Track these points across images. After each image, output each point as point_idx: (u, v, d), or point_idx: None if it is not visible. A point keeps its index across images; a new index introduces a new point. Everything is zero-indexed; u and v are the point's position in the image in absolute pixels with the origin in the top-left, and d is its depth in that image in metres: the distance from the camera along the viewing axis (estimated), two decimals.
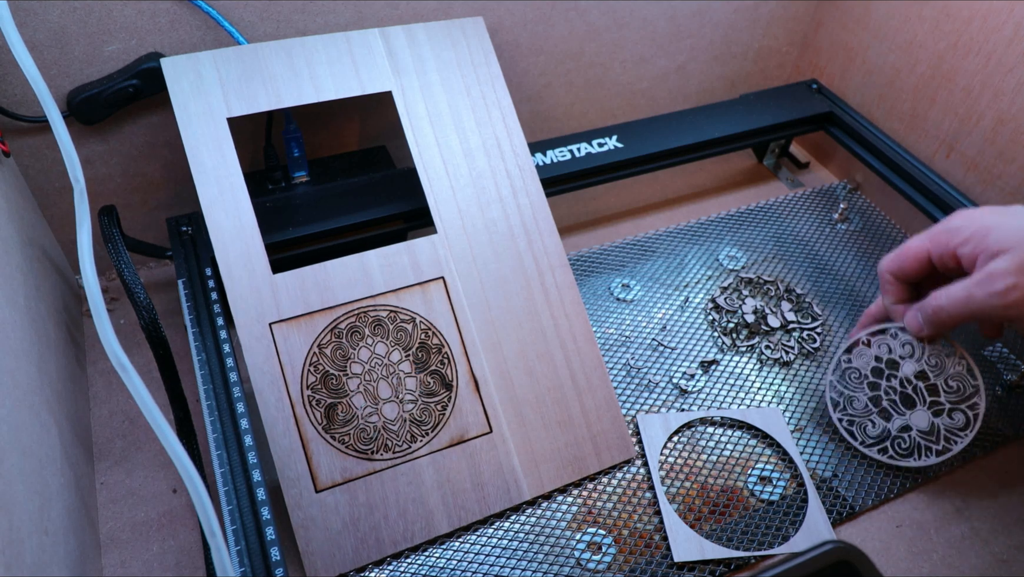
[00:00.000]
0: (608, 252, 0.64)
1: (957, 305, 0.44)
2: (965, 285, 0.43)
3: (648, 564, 0.44)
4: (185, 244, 0.54)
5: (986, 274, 0.42)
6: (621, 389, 0.54)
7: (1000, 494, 0.49)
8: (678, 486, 0.48)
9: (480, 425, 0.47)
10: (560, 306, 0.50)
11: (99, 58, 0.50)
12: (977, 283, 0.43)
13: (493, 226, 0.51)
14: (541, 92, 0.68)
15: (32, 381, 0.41)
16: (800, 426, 0.52)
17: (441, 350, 0.47)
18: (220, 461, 0.43)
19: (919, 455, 0.48)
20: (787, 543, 0.45)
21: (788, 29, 0.75)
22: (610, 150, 0.63)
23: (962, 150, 0.63)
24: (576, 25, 0.64)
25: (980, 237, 0.43)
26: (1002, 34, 0.57)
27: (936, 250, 0.46)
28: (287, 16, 0.54)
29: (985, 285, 0.42)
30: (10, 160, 0.51)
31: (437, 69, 0.53)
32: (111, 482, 0.49)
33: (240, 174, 0.47)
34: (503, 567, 0.44)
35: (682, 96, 0.76)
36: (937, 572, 0.46)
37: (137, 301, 0.44)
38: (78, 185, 0.42)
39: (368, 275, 0.47)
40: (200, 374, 0.46)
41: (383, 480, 0.44)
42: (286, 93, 0.49)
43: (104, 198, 0.57)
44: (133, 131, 0.55)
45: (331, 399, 0.45)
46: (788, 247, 0.65)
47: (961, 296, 0.44)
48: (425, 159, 0.51)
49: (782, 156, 0.77)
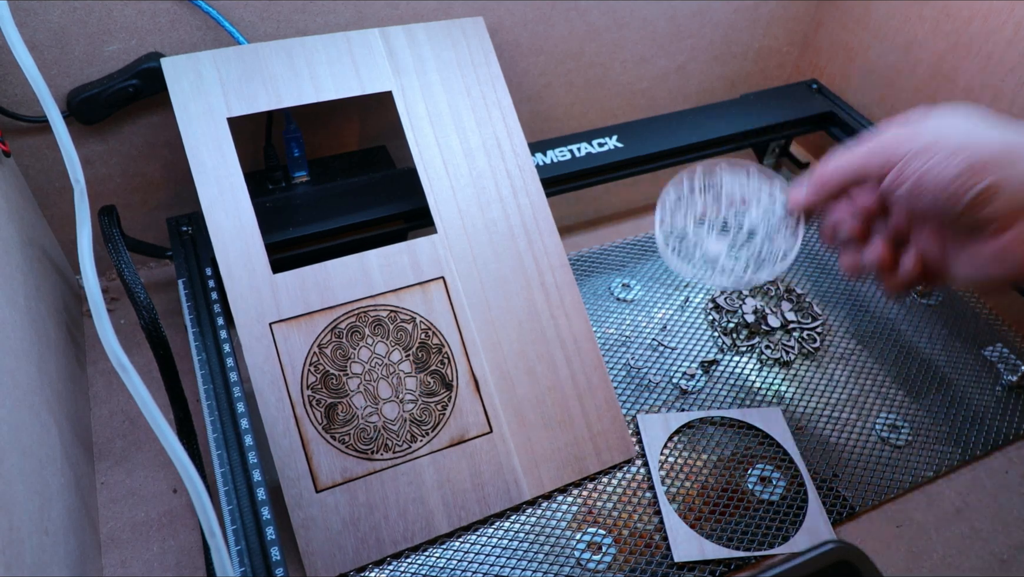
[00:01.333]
0: (608, 252, 0.64)
1: (842, 155, 0.40)
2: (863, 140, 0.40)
3: (648, 564, 0.44)
4: (185, 244, 0.54)
5: (883, 127, 0.39)
6: (621, 389, 0.54)
7: (1000, 494, 0.49)
8: (678, 486, 0.48)
9: (480, 425, 0.47)
10: (560, 306, 0.50)
11: (99, 58, 0.50)
12: (872, 136, 0.40)
13: (493, 226, 0.51)
14: (541, 92, 0.68)
15: (32, 381, 0.41)
16: (800, 426, 0.52)
17: (441, 350, 0.47)
18: (220, 461, 0.43)
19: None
20: (787, 543, 0.45)
21: (788, 29, 0.75)
22: (610, 150, 0.63)
23: None
24: (576, 25, 0.64)
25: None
26: (1002, 34, 0.57)
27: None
28: (287, 16, 0.54)
29: (875, 135, 0.39)
30: (10, 160, 0.51)
31: (437, 69, 0.53)
32: (111, 482, 0.49)
33: (240, 174, 0.47)
34: (503, 567, 0.44)
35: (682, 96, 0.76)
36: (937, 572, 0.46)
37: (137, 301, 0.44)
38: (78, 185, 0.42)
39: (368, 275, 0.47)
40: (200, 374, 0.46)
41: (383, 480, 0.44)
42: (286, 93, 0.49)
43: (104, 198, 0.57)
44: (133, 131, 0.55)
45: (331, 399, 0.45)
46: None
47: (850, 149, 0.40)
48: (425, 159, 0.51)
49: (782, 156, 0.77)
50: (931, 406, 0.54)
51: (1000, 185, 0.34)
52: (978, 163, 0.35)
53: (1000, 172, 0.34)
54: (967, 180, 0.35)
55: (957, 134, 0.36)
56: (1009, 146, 0.35)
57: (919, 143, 0.37)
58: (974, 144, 0.35)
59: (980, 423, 0.53)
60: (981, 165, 0.35)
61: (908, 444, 0.51)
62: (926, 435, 0.52)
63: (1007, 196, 0.34)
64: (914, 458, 0.50)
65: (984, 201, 0.35)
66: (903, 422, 0.52)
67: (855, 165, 0.40)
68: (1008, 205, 0.34)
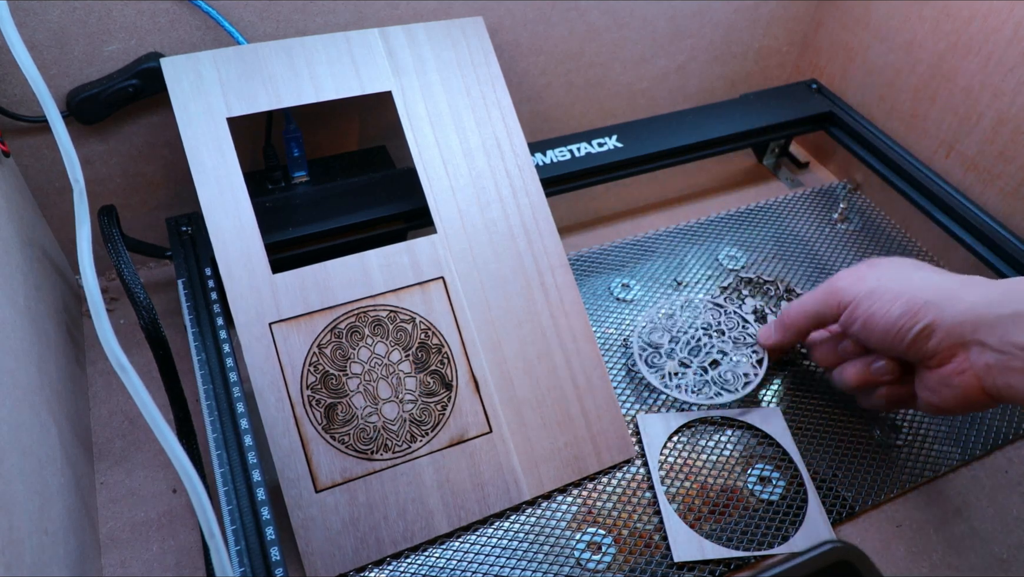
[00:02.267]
0: (608, 252, 0.64)
1: (802, 300, 0.49)
2: (814, 289, 0.48)
3: (648, 564, 0.44)
4: (185, 244, 0.54)
5: (831, 279, 0.47)
6: (621, 389, 0.54)
7: (1000, 494, 0.49)
8: (678, 486, 0.48)
9: (480, 425, 0.47)
10: (560, 306, 0.50)
11: (99, 58, 0.50)
12: (822, 285, 0.48)
13: (493, 226, 0.51)
14: (541, 92, 0.68)
15: (32, 381, 0.41)
16: (800, 426, 0.52)
17: (441, 350, 0.47)
18: (220, 461, 0.43)
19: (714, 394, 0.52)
20: (787, 543, 0.45)
21: (788, 29, 0.75)
22: (610, 150, 0.63)
23: (962, 150, 0.62)
24: (576, 25, 0.64)
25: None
26: (1002, 34, 0.57)
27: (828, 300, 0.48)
28: (287, 16, 0.54)
29: (829, 282, 0.47)
30: (10, 160, 0.51)
31: (437, 69, 0.53)
32: (111, 482, 0.49)
33: (240, 174, 0.47)
34: (503, 567, 0.44)
35: (682, 96, 0.76)
36: (937, 572, 0.46)
37: (137, 301, 0.44)
38: (78, 185, 0.42)
39: (368, 275, 0.47)
40: (200, 374, 0.46)
41: (383, 480, 0.44)
42: (286, 93, 0.49)
43: (104, 198, 0.57)
44: (133, 131, 0.55)
45: (331, 399, 0.45)
46: (788, 247, 0.65)
47: (808, 294, 0.48)
48: (425, 159, 0.51)
49: (782, 156, 0.77)
50: None
51: (937, 324, 0.40)
52: (916, 305, 0.41)
53: (935, 313, 0.40)
54: (908, 320, 0.41)
55: (897, 281, 0.42)
56: (942, 290, 0.40)
57: (864, 288, 0.43)
58: (911, 289, 0.41)
59: (980, 423, 0.53)
60: (919, 307, 0.40)
61: (908, 444, 0.51)
62: (926, 435, 0.52)
63: (943, 332, 0.40)
64: (914, 458, 0.50)
65: (925, 337, 0.40)
66: (903, 422, 0.52)
67: (813, 309, 0.48)
68: (946, 340, 0.40)
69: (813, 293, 0.48)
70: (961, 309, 0.39)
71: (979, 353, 0.39)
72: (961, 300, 0.40)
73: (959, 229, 0.60)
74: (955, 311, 0.40)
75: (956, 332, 0.40)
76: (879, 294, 0.43)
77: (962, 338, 0.40)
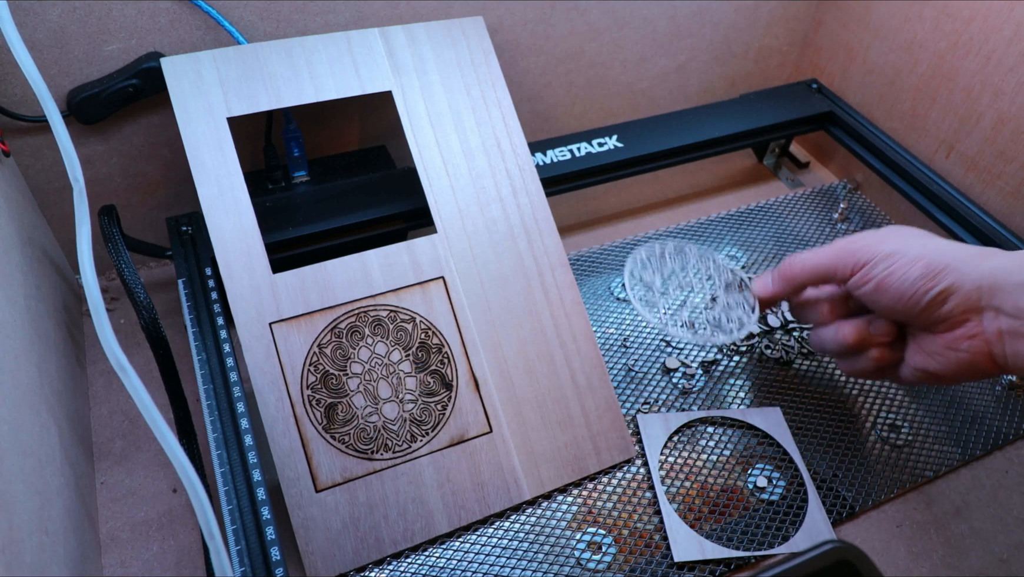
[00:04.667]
0: (608, 252, 0.64)
1: (810, 253, 0.47)
2: (828, 244, 0.47)
3: (648, 564, 0.44)
4: (185, 244, 0.54)
5: (849, 237, 0.46)
6: (621, 389, 0.54)
7: (1000, 494, 0.49)
8: (678, 486, 0.48)
9: (480, 425, 0.47)
10: (560, 306, 0.50)
11: (99, 58, 0.50)
12: (838, 240, 0.46)
13: (493, 226, 0.51)
14: (541, 92, 0.68)
15: (32, 381, 0.41)
16: (800, 426, 0.52)
17: (441, 350, 0.47)
18: (220, 461, 0.43)
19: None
20: (787, 543, 0.45)
21: (788, 29, 0.75)
22: (610, 150, 0.63)
23: (962, 150, 0.62)
24: (576, 25, 0.64)
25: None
26: (1002, 34, 0.57)
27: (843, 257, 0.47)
28: (287, 16, 0.54)
29: (842, 240, 0.46)
30: (10, 160, 0.51)
31: (437, 69, 0.53)
32: (111, 482, 0.49)
33: (240, 173, 0.47)
34: (503, 567, 0.44)
35: (682, 96, 0.76)
36: (937, 572, 0.46)
37: (137, 301, 0.44)
38: (78, 185, 0.42)
39: (368, 275, 0.47)
40: (200, 374, 0.46)
41: (383, 480, 0.44)
42: (286, 93, 0.49)
43: (104, 198, 0.57)
44: (133, 131, 0.55)
45: (331, 399, 0.45)
46: (788, 247, 0.65)
47: (818, 249, 0.47)
48: (425, 159, 0.51)
49: (782, 156, 0.77)
50: (931, 406, 0.54)
51: (954, 287, 0.40)
52: (935, 268, 0.40)
53: (954, 276, 0.40)
54: (927, 283, 0.41)
55: (916, 244, 0.42)
56: (961, 255, 0.40)
57: (883, 250, 0.43)
58: (931, 253, 0.41)
59: (980, 423, 0.53)
60: (938, 270, 0.40)
61: (908, 444, 0.51)
62: (926, 435, 0.52)
63: (960, 297, 0.40)
64: (914, 458, 0.50)
65: (941, 301, 0.40)
66: (903, 422, 0.52)
67: (824, 265, 0.46)
68: (961, 305, 0.40)
69: (823, 250, 0.46)
70: (980, 274, 0.40)
71: (992, 319, 0.39)
72: (979, 266, 0.40)
73: (959, 229, 0.60)
74: (974, 275, 0.40)
75: (973, 297, 0.40)
76: (898, 256, 0.42)
77: (977, 303, 0.40)
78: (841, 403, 0.53)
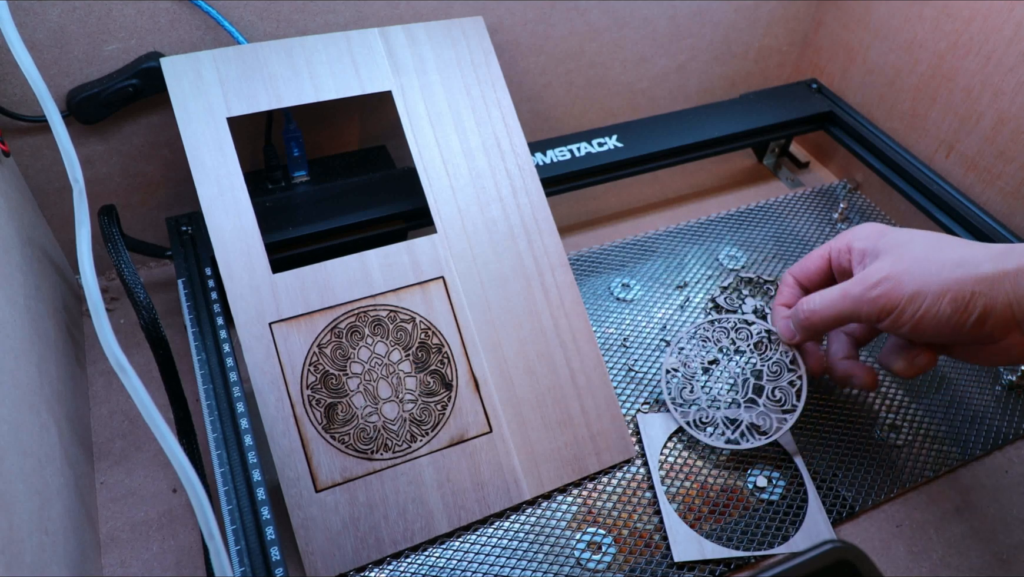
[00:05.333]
0: (608, 252, 0.64)
1: (830, 303, 0.46)
2: (840, 285, 0.45)
3: (648, 564, 0.44)
4: (185, 244, 0.54)
5: (862, 274, 0.44)
6: (621, 389, 0.54)
7: (1000, 494, 0.49)
8: (678, 486, 0.48)
9: (480, 425, 0.47)
10: (560, 306, 0.50)
11: (99, 58, 0.50)
12: (853, 283, 0.45)
13: (493, 226, 0.51)
14: (541, 92, 0.68)
15: (32, 381, 0.41)
16: (800, 426, 0.52)
17: (441, 350, 0.47)
18: (220, 461, 0.43)
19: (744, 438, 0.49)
20: (787, 543, 0.45)
21: (788, 28, 0.75)
22: (610, 150, 0.63)
23: (962, 150, 0.62)
24: (576, 25, 0.64)
25: (874, 237, 0.46)
26: (1002, 34, 0.57)
27: (836, 246, 0.48)
28: (287, 16, 0.54)
29: (860, 283, 0.44)
30: (10, 160, 0.51)
31: (437, 69, 0.53)
32: (111, 482, 0.49)
33: (240, 173, 0.47)
34: (503, 567, 0.44)
35: (682, 96, 0.76)
36: (937, 572, 0.46)
37: (137, 301, 0.44)
38: (78, 185, 0.42)
39: (368, 275, 0.47)
40: (200, 374, 0.46)
41: (383, 480, 0.44)
42: (286, 93, 0.49)
43: (104, 198, 0.57)
44: (133, 131, 0.55)
45: (331, 399, 0.45)
46: (788, 247, 0.65)
47: (836, 294, 0.45)
48: (425, 159, 0.51)
49: (782, 156, 0.77)
50: (931, 406, 0.54)
51: (988, 310, 0.40)
52: (964, 299, 0.40)
53: (984, 301, 0.40)
54: (961, 316, 0.41)
55: (934, 274, 0.42)
56: (983, 273, 0.40)
57: (905, 293, 0.42)
58: (954, 283, 0.41)
59: (980, 423, 0.53)
60: (967, 300, 0.40)
61: (908, 444, 0.51)
62: (926, 435, 0.52)
63: (996, 317, 0.40)
64: (914, 458, 0.50)
65: (979, 324, 0.41)
66: (903, 422, 0.52)
67: (847, 311, 0.45)
68: (1000, 323, 0.40)
69: (841, 299, 0.45)
70: (1006, 290, 0.40)
71: None
72: (1005, 279, 0.40)
73: (959, 229, 0.60)
74: (1002, 295, 0.40)
75: (1007, 314, 0.40)
76: (922, 296, 0.41)
77: (1012, 320, 0.40)
78: (841, 403, 0.53)
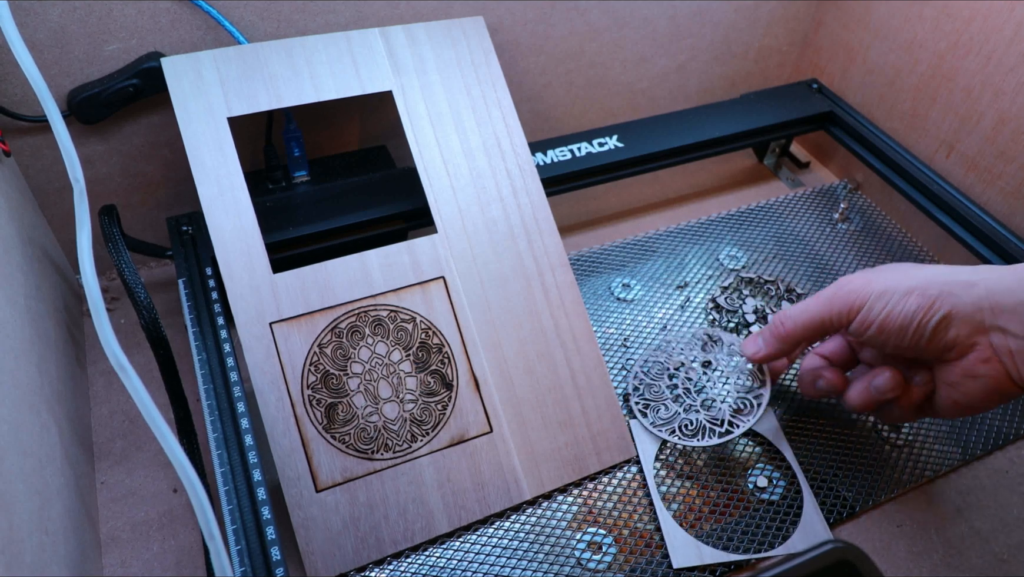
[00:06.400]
0: (608, 252, 0.64)
1: (802, 307, 0.46)
2: (813, 296, 0.46)
3: (648, 564, 0.44)
4: (185, 244, 0.54)
5: (836, 281, 0.45)
6: (621, 389, 0.54)
7: (1000, 494, 0.49)
8: (678, 487, 0.48)
9: (480, 425, 0.47)
10: (560, 306, 0.50)
11: (99, 58, 0.50)
12: (825, 289, 0.45)
13: (493, 225, 0.51)
14: (541, 92, 0.68)
15: (32, 381, 0.41)
16: (800, 426, 0.52)
17: (441, 350, 0.47)
18: (220, 461, 0.43)
19: (703, 436, 0.48)
20: (787, 543, 0.45)
21: (788, 28, 0.75)
22: (610, 150, 0.63)
23: (962, 150, 0.62)
24: (576, 25, 0.64)
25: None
26: (1002, 34, 0.57)
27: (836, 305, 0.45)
28: (287, 16, 0.54)
29: (832, 286, 0.45)
30: (10, 160, 0.51)
31: (437, 69, 0.53)
32: (111, 482, 0.49)
33: (240, 173, 0.47)
34: (503, 567, 0.44)
35: (682, 96, 0.76)
36: (937, 572, 0.46)
37: (137, 301, 0.44)
38: (78, 185, 0.42)
39: (368, 275, 0.47)
40: (200, 374, 0.46)
41: (383, 480, 0.44)
42: (286, 93, 0.49)
43: (104, 198, 0.57)
44: (133, 131, 0.55)
45: (331, 399, 0.45)
46: (788, 247, 0.65)
47: (808, 299, 0.46)
48: (425, 159, 0.51)
49: (782, 156, 0.77)
50: None
51: (954, 313, 0.40)
52: (930, 297, 0.40)
53: (951, 301, 0.40)
54: (925, 314, 0.40)
55: (904, 278, 0.42)
56: (953, 279, 0.40)
57: (874, 290, 0.42)
58: (921, 283, 0.41)
59: (980, 423, 0.53)
60: (933, 298, 0.40)
61: (908, 444, 0.51)
62: (926, 435, 0.52)
63: (962, 320, 0.40)
64: (914, 458, 0.50)
65: (944, 328, 0.40)
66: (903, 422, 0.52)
67: (816, 316, 0.45)
68: (965, 329, 0.40)
69: (814, 301, 0.45)
70: (977, 295, 0.39)
71: (1001, 339, 0.39)
72: (974, 285, 0.39)
73: (959, 229, 0.60)
74: (971, 297, 0.39)
75: (975, 319, 0.39)
76: (890, 293, 0.42)
77: (981, 325, 0.39)
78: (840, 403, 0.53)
